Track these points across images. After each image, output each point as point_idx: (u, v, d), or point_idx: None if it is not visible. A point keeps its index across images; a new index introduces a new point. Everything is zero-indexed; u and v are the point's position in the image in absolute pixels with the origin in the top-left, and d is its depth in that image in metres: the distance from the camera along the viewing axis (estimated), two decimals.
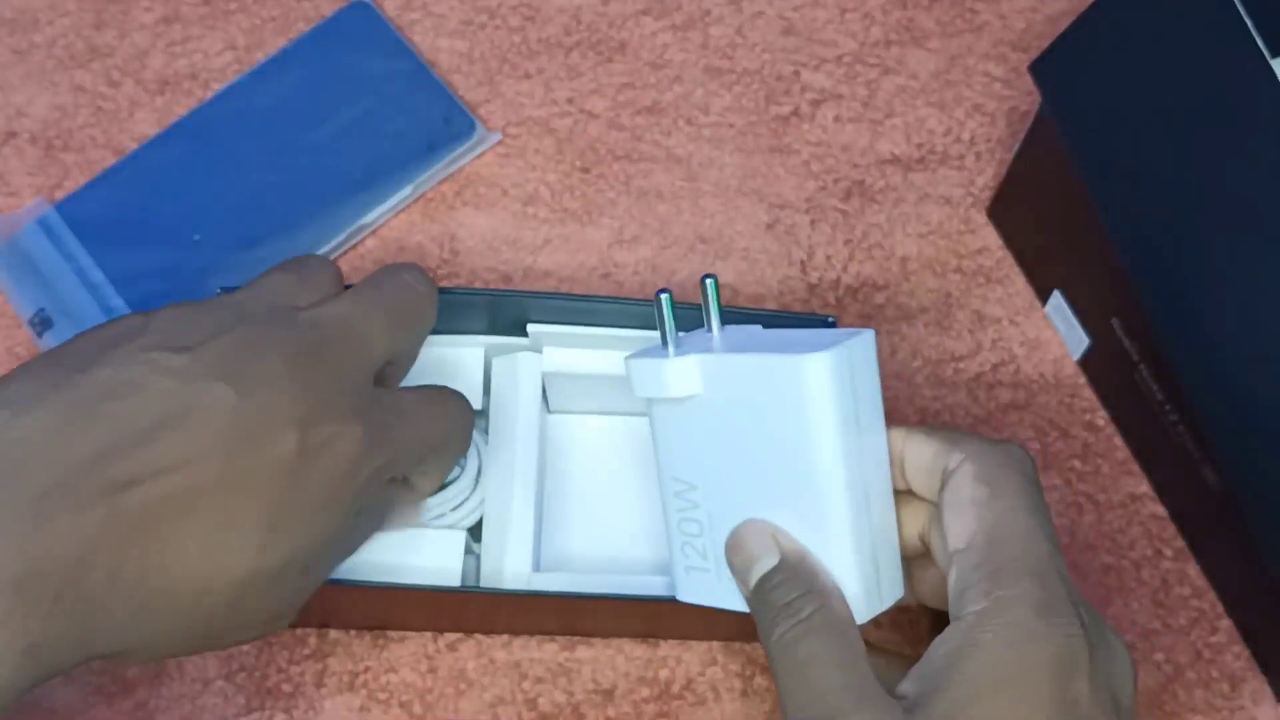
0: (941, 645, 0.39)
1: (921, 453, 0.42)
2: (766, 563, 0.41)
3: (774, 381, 0.40)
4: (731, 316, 0.44)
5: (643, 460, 0.52)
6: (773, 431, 0.41)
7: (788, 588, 0.40)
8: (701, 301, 0.44)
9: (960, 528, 0.40)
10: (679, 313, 0.43)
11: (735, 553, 0.42)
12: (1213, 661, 0.54)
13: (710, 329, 0.44)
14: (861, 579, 0.41)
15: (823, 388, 0.39)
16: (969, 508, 0.40)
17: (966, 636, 0.38)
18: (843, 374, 0.39)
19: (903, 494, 0.43)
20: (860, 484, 0.41)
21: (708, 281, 0.44)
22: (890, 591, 0.42)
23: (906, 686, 0.39)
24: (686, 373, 0.42)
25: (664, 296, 0.43)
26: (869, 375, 0.41)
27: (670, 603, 0.46)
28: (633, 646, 0.53)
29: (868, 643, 0.40)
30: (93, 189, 0.59)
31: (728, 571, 0.43)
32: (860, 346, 0.40)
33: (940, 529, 0.41)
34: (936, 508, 0.41)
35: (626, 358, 0.44)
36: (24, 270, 0.58)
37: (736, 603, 0.43)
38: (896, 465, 0.42)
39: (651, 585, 0.48)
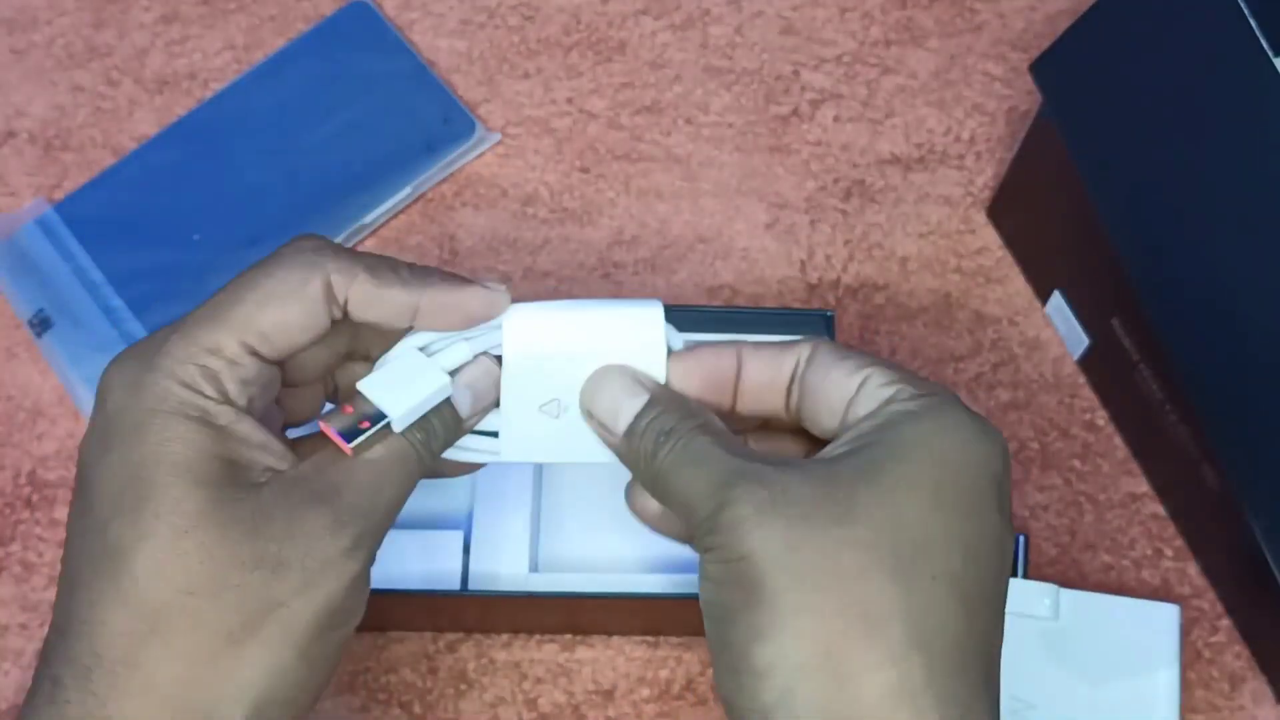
0: (865, 421, 0.37)
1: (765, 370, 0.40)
2: (635, 402, 0.39)
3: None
4: (731, 316, 0.43)
5: None
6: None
7: (665, 417, 0.39)
8: None
9: (852, 365, 0.39)
10: (677, 315, 0.42)
11: (596, 400, 0.40)
12: (1213, 661, 0.54)
13: None
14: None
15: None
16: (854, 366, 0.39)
17: (901, 414, 0.37)
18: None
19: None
20: None
21: None
22: None
23: (826, 451, 0.37)
24: None
25: None
26: None
27: (671, 601, 0.46)
28: (633, 647, 0.53)
29: None
30: (92, 189, 0.59)
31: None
32: None
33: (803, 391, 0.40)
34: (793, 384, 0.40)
35: None
36: (23, 270, 0.58)
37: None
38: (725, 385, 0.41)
39: (650, 584, 0.48)
